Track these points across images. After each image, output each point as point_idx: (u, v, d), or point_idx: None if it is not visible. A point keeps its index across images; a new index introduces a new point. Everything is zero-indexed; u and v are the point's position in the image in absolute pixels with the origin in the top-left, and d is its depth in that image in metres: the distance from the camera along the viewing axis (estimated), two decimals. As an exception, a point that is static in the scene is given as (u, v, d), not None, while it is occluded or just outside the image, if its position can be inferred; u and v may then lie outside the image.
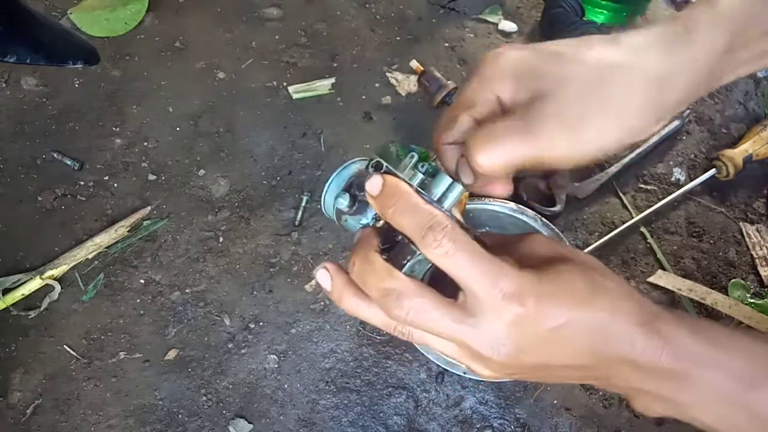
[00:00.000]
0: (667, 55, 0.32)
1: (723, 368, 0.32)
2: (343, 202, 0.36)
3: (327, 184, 0.37)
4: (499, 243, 0.36)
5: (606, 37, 0.33)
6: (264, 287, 0.80)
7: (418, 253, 0.32)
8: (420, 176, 0.34)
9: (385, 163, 0.33)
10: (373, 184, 0.32)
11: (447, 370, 0.75)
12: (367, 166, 0.34)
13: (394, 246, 0.34)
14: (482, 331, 0.30)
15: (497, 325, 0.30)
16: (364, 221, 0.36)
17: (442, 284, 0.32)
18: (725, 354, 0.32)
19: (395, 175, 0.32)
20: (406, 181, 0.32)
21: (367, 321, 0.33)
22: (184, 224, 0.84)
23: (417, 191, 0.32)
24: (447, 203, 0.34)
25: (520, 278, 0.30)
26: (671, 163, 0.91)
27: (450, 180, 0.34)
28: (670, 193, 0.87)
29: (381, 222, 0.36)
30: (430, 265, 0.32)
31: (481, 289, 0.30)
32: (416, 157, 0.35)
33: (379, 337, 0.77)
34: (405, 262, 0.33)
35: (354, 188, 0.38)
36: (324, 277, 0.34)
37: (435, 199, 0.33)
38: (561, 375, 0.34)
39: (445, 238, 0.30)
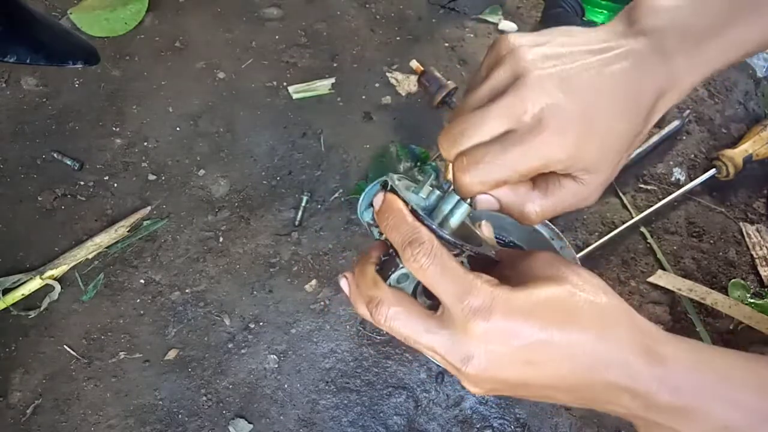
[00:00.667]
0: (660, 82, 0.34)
1: (733, 401, 0.31)
2: (367, 216, 0.40)
3: (361, 199, 0.40)
4: (508, 259, 0.37)
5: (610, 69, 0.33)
6: (264, 287, 0.80)
7: (401, 265, 0.35)
8: (437, 193, 0.37)
9: (392, 182, 0.35)
10: (377, 200, 0.36)
11: (447, 371, 0.75)
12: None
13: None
14: (453, 344, 0.32)
15: (465, 338, 0.31)
16: None
17: (434, 297, 0.33)
18: (735, 386, 0.31)
19: (395, 192, 0.35)
20: (402, 199, 0.34)
21: (373, 323, 0.36)
22: (184, 224, 0.84)
23: (412, 210, 0.34)
24: (454, 219, 0.35)
25: (489, 294, 0.31)
26: (671, 163, 0.91)
27: (456, 198, 0.35)
28: (670, 193, 0.87)
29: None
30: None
31: (450, 303, 0.31)
32: (434, 174, 0.37)
33: (379, 337, 0.77)
34: (390, 273, 0.36)
35: None
36: (345, 284, 0.38)
37: (444, 215, 0.35)
38: (548, 395, 0.33)
39: (421, 253, 0.32)
